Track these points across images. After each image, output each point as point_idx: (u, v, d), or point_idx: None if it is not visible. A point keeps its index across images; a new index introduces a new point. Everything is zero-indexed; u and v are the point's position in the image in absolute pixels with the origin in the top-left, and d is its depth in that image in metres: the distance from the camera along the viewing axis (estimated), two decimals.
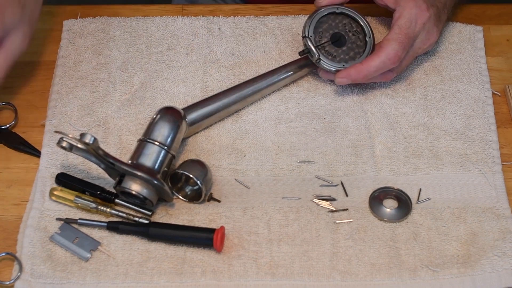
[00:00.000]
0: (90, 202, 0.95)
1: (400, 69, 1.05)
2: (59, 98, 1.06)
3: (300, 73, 1.08)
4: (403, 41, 1.02)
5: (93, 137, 0.89)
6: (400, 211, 0.97)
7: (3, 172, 1.00)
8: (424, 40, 1.05)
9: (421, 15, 1.03)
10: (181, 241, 0.93)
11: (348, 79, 1.03)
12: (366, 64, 1.02)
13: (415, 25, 1.03)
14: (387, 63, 1.02)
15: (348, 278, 0.91)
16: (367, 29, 1.07)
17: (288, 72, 1.07)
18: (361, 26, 1.08)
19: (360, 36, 1.08)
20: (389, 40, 1.02)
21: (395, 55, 1.01)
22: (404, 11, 1.03)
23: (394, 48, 1.01)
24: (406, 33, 1.02)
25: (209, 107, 1.02)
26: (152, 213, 0.95)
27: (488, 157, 1.02)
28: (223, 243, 0.92)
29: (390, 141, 1.03)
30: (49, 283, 0.90)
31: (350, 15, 1.08)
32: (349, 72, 1.03)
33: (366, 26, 1.08)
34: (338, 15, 1.08)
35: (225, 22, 1.15)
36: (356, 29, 1.08)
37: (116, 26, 1.14)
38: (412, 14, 1.03)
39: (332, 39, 1.07)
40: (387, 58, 1.01)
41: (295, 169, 1.01)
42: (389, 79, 1.05)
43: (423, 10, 1.03)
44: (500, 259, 0.92)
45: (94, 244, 0.93)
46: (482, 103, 1.07)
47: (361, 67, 1.02)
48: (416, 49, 1.05)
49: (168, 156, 0.95)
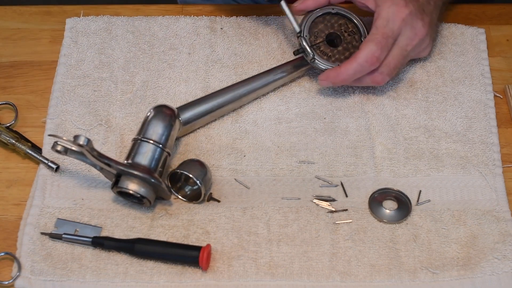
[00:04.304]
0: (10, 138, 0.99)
1: (390, 70, 1.03)
2: (60, 97, 1.06)
3: (296, 74, 1.08)
4: (380, 41, 1.00)
5: (87, 139, 0.88)
6: (400, 213, 0.97)
7: (3, 172, 1.01)
8: (410, 36, 1.03)
9: (399, 12, 1.01)
10: (167, 259, 0.92)
11: (328, 81, 1.03)
12: (343, 67, 1.01)
13: (393, 23, 1.01)
14: (365, 65, 1.00)
15: (347, 279, 0.91)
16: (363, 29, 1.07)
17: (284, 72, 1.07)
18: (357, 26, 1.08)
19: (355, 37, 1.07)
20: (365, 42, 1.01)
21: (372, 56, 1.00)
22: (381, 11, 1.02)
23: (371, 49, 1.00)
24: (383, 32, 1.01)
25: (203, 106, 1.03)
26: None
27: (489, 159, 1.01)
28: (209, 261, 0.92)
29: (390, 142, 1.03)
30: (49, 280, 0.91)
31: (346, 16, 1.08)
32: (328, 74, 1.03)
33: (362, 26, 1.08)
34: (334, 15, 1.08)
35: (227, 22, 1.15)
36: (351, 29, 1.08)
37: (118, 26, 1.14)
38: (390, 13, 1.01)
39: (327, 39, 1.07)
40: (364, 60, 1.00)
41: (295, 169, 1.01)
42: (381, 83, 1.04)
43: (401, 6, 1.02)
44: (500, 262, 0.92)
45: (96, 230, 0.94)
46: (483, 105, 1.07)
47: (339, 70, 1.02)
48: (403, 46, 1.03)
49: (164, 154, 0.96)
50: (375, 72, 1.02)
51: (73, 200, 0.98)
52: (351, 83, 1.05)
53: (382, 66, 1.02)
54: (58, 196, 0.98)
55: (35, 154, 1.00)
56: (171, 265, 0.92)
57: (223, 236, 0.94)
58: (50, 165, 0.99)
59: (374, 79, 1.03)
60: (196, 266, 0.91)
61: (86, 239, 0.93)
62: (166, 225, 0.95)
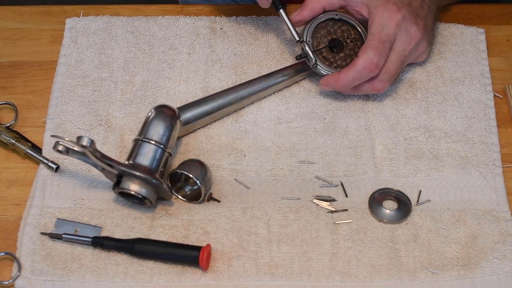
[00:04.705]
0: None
1: (390, 77, 1.03)
2: (60, 97, 1.06)
3: (297, 78, 1.08)
4: (378, 47, 1.00)
5: (90, 140, 0.88)
6: (400, 213, 0.97)
7: (3, 172, 1.01)
8: (406, 40, 1.03)
9: (392, 17, 1.01)
10: (167, 259, 0.92)
11: (328, 86, 1.03)
12: (343, 73, 1.01)
13: (387, 28, 1.01)
14: (364, 72, 1.00)
15: (347, 279, 0.91)
16: (365, 36, 1.07)
17: (285, 76, 1.07)
18: (360, 33, 1.08)
19: (358, 43, 1.07)
20: (363, 49, 1.01)
21: (370, 62, 1.00)
22: (375, 18, 1.02)
23: (369, 55, 1.00)
24: (378, 38, 1.01)
25: (203, 107, 1.03)
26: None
27: (489, 159, 1.01)
28: (209, 261, 0.92)
29: (390, 142, 1.03)
30: (49, 280, 0.91)
31: (349, 22, 1.08)
32: (328, 79, 1.03)
33: (364, 33, 1.07)
34: (337, 21, 1.08)
35: (227, 22, 1.15)
36: (354, 36, 1.08)
37: (118, 25, 1.14)
38: (383, 18, 1.02)
39: (330, 44, 1.07)
40: (363, 67, 1.00)
41: (295, 169, 1.01)
42: (381, 90, 1.03)
43: (394, 12, 1.02)
44: (500, 262, 0.92)
45: (96, 230, 0.94)
46: (483, 105, 1.07)
47: (338, 76, 1.02)
48: (400, 51, 1.03)
49: (165, 154, 0.96)
50: (375, 80, 1.02)
51: (73, 200, 0.97)
52: (352, 92, 1.05)
53: (382, 74, 1.02)
54: (58, 196, 0.98)
55: (35, 154, 1.00)
56: (171, 265, 0.92)
57: (223, 236, 0.94)
58: (50, 165, 0.99)
59: (374, 86, 1.03)
60: (196, 266, 0.91)
61: (86, 239, 0.93)
62: (166, 225, 0.95)
